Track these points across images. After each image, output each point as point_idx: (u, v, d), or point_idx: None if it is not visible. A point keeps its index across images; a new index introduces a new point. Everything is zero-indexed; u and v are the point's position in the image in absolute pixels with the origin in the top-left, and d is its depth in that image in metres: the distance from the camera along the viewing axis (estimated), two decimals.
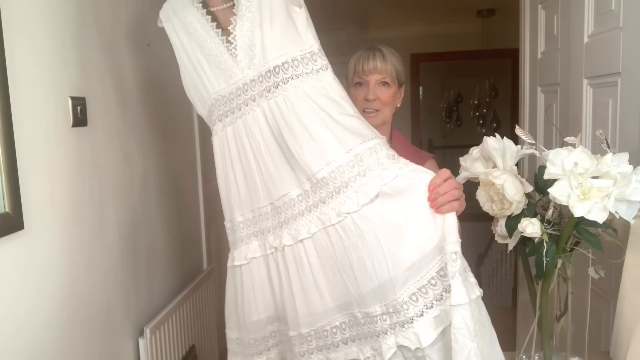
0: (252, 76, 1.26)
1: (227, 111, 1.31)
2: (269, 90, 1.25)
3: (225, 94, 1.31)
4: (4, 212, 1.14)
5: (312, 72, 1.24)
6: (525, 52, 2.29)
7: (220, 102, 1.32)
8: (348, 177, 1.17)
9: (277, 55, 1.24)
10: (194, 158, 2.57)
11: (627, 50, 1.38)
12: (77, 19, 1.49)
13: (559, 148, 0.99)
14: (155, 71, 2.05)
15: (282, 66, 1.24)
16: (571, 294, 1.09)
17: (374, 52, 1.49)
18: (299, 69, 1.24)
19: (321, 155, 1.19)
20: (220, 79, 1.31)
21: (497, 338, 1.18)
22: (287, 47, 1.24)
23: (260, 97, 1.26)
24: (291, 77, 1.24)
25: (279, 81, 1.24)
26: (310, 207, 1.23)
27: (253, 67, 1.26)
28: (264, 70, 1.25)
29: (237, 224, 1.35)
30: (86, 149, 1.51)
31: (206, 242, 2.67)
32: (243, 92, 1.28)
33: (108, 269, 1.63)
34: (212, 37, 1.31)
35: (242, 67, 1.28)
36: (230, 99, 1.30)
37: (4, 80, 1.14)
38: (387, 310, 1.15)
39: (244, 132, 1.29)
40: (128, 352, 1.76)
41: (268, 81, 1.25)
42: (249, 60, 1.27)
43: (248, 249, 1.33)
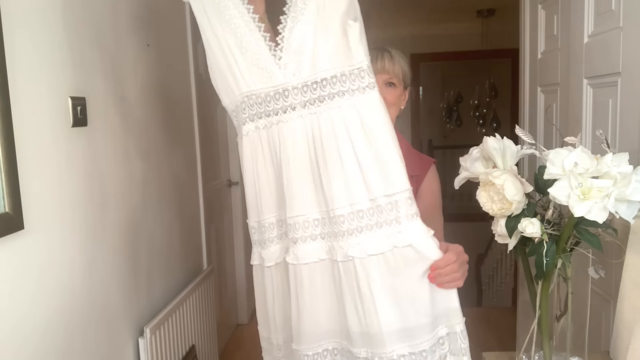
0: (295, 83, 1.20)
1: (261, 112, 1.24)
2: (313, 103, 1.21)
3: (260, 95, 1.23)
4: (4, 212, 1.14)
5: (359, 90, 1.20)
6: (525, 52, 2.29)
7: (254, 102, 1.24)
8: (365, 223, 1.18)
9: (328, 67, 1.20)
10: (194, 158, 2.57)
11: (627, 50, 1.38)
12: (77, 19, 1.49)
13: (559, 148, 0.98)
14: (155, 71, 2.05)
15: (330, 80, 1.20)
16: (571, 294, 1.09)
17: (382, 53, 1.48)
18: (345, 85, 1.20)
19: (347, 194, 1.18)
20: (256, 78, 1.23)
21: None
22: (338, 60, 1.20)
23: (302, 107, 1.21)
24: (338, 93, 1.20)
25: (325, 95, 1.20)
26: (324, 235, 1.22)
27: (299, 74, 1.20)
28: (310, 81, 1.20)
29: (268, 225, 1.29)
30: (86, 149, 1.51)
31: (206, 242, 2.67)
32: (283, 98, 1.22)
33: (108, 268, 1.63)
34: (253, 31, 1.22)
35: (285, 72, 1.21)
36: (267, 100, 1.23)
37: (4, 80, 1.14)
38: (372, 358, 1.20)
39: (278, 139, 1.23)
40: (128, 352, 1.76)
41: (313, 93, 1.21)
42: (296, 67, 1.20)
43: (278, 251, 1.29)
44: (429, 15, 4.63)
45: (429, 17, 4.71)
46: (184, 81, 2.45)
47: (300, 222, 1.22)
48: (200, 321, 2.34)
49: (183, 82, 2.44)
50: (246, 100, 1.24)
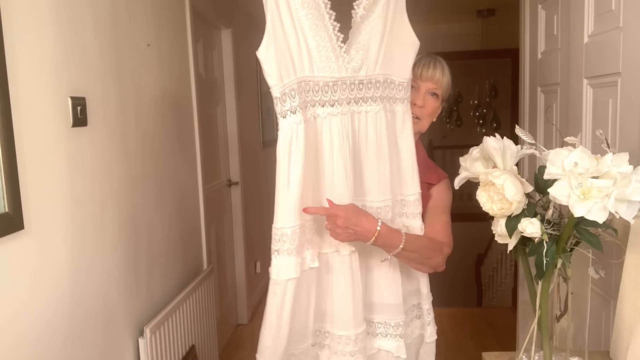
0: (354, 79, 1.27)
1: (316, 101, 1.26)
2: (366, 101, 1.28)
3: (319, 83, 1.25)
4: (4, 212, 1.14)
5: (400, 100, 1.33)
6: (525, 52, 2.29)
7: (311, 89, 1.25)
8: (392, 214, 1.33)
9: (385, 71, 1.29)
10: (194, 158, 2.57)
11: (627, 50, 1.38)
12: (77, 19, 1.49)
13: (559, 148, 0.98)
14: (155, 71, 2.05)
15: (383, 83, 1.29)
16: (571, 294, 1.09)
17: (435, 62, 1.47)
18: (392, 92, 1.31)
19: (382, 190, 1.31)
20: (318, 66, 1.24)
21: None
22: (394, 67, 1.30)
23: (348, 103, 1.27)
24: (385, 98, 1.30)
25: (374, 96, 1.29)
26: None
27: (359, 70, 1.27)
28: (366, 79, 1.28)
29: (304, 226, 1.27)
30: (86, 149, 1.51)
31: (206, 242, 2.67)
32: (340, 90, 1.26)
33: (108, 268, 1.63)
34: (324, 16, 1.23)
35: (348, 66, 1.26)
36: (325, 90, 1.26)
37: (4, 80, 1.14)
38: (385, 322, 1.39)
39: (330, 130, 1.26)
40: (128, 352, 1.76)
41: (365, 92, 1.28)
42: (359, 63, 1.26)
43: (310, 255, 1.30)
44: (428, 15, 4.63)
45: (428, 17, 4.71)
46: (184, 81, 2.45)
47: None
48: (200, 321, 2.34)
49: (183, 82, 2.44)
50: (303, 85, 1.23)
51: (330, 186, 1.27)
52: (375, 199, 1.31)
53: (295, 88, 1.22)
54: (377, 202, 1.31)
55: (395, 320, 1.36)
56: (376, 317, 1.38)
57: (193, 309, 2.24)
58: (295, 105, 1.21)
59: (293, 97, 1.21)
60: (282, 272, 1.24)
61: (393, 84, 1.31)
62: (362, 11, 1.25)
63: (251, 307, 3.61)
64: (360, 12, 1.25)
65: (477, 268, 5.80)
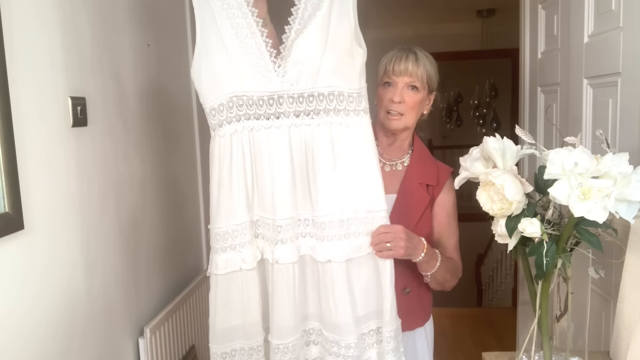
0: (292, 92, 1.23)
1: (250, 114, 1.25)
2: (308, 114, 1.24)
3: (252, 97, 1.25)
4: (4, 212, 1.14)
5: (354, 112, 1.26)
6: (525, 52, 2.29)
7: (244, 103, 1.25)
8: (344, 232, 1.27)
9: (328, 83, 1.23)
10: (194, 158, 2.57)
11: (627, 50, 1.38)
12: (77, 19, 1.49)
13: (559, 148, 0.98)
14: (155, 71, 2.05)
15: (328, 96, 1.24)
16: (571, 294, 1.09)
17: (407, 54, 1.46)
18: (342, 104, 1.25)
19: (331, 205, 1.25)
20: (251, 80, 1.24)
21: None
22: (339, 79, 1.24)
23: (296, 116, 1.24)
24: (333, 110, 1.24)
25: (320, 109, 1.24)
26: (305, 234, 1.29)
27: (296, 84, 1.23)
28: (307, 92, 1.23)
29: (244, 227, 1.30)
30: (86, 149, 1.51)
31: (206, 242, 2.67)
32: (277, 104, 1.24)
33: (108, 269, 1.63)
34: (255, 34, 1.23)
35: (283, 80, 1.23)
36: (259, 104, 1.24)
37: (4, 80, 1.14)
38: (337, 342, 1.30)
39: (267, 143, 1.25)
40: (128, 352, 1.76)
41: (309, 104, 1.24)
42: (294, 77, 1.23)
43: (253, 253, 1.31)
44: (428, 15, 4.63)
45: (428, 17, 4.71)
46: (184, 81, 2.45)
47: (284, 225, 1.26)
48: (200, 321, 2.34)
49: (183, 82, 2.44)
50: (235, 100, 1.25)
51: (261, 195, 1.27)
52: (320, 213, 1.26)
53: (224, 103, 1.26)
54: (322, 217, 1.26)
55: (345, 341, 1.28)
56: (328, 334, 1.31)
57: (193, 309, 2.24)
58: (222, 120, 1.27)
59: (221, 112, 1.27)
60: (215, 267, 1.32)
61: (342, 96, 1.24)
62: (297, 26, 1.22)
63: None
64: (295, 26, 1.23)
65: (477, 268, 5.80)
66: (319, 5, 1.20)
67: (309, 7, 1.21)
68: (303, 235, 1.28)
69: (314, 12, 1.20)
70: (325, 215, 1.25)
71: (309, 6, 1.21)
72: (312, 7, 1.21)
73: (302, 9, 1.22)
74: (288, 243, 1.27)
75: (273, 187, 1.26)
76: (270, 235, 1.29)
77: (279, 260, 1.27)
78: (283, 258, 1.26)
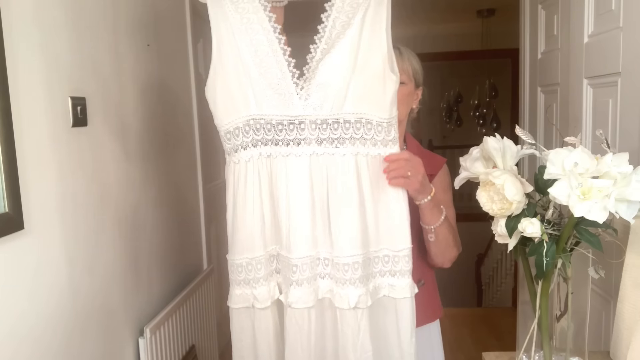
0: (315, 117, 1.13)
1: (268, 140, 1.15)
2: (332, 143, 1.14)
3: (271, 121, 1.15)
4: (4, 212, 1.14)
5: (382, 142, 1.16)
6: (525, 52, 2.29)
7: (261, 126, 1.15)
8: (366, 273, 1.18)
9: (355, 110, 1.13)
10: (194, 158, 2.57)
11: (627, 50, 1.38)
12: (77, 19, 1.49)
13: (559, 148, 0.98)
14: (155, 71, 2.05)
15: (355, 124, 1.13)
16: (571, 294, 1.09)
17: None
18: (370, 134, 1.14)
19: (354, 244, 1.15)
20: (271, 103, 1.14)
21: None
22: (368, 106, 1.13)
23: (319, 144, 1.14)
24: (360, 139, 1.14)
25: (346, 138, 1.14)
26: (323, 275, 1.19)
27: (320, 109, 1.13)
28: (331, 118, 1.13)
29: (259, 262, 1.21)
30: (86, 149, 1.51)
31: (206, 242, 2.67)
32: (298, 130, 1.14)
33: (108, 269, 1.63)
34: (276, 52, 1.13)
35: (306, 104, 1.13)
36: (279, 129, 1.14)
37: (4, 80, 1.14)
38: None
39: (284, 172, 1.15)
40: (128, 352, 1.76)
41: (334, 132, 1.14)
42: (319, 101, 1.12)
43: (268, 290, 1.23)
44: (428, 15, 4.62)
45: (428, 17, 4.71)
46: (184, 81, 2.45)
47: (300, 265, 1.17)
48: (200, 321, 2.34)
49: (183, 82, 2.44)
50: (252, 123, 1.15)
51: (284, 230, 1.17)
52: (342, 254, 1.15)
53: (241, 126, 1.15)
54: (344, 258, 1.15)
55: None
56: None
57: (193, 309, 2.24)
58: (237, 144, 1.16)
59: (237, 136, 1.16)
60: (231, 299, 1.26)
61: (370, 124, 1.14)
62: (323, 45, 1.12)
63: None
64: (322, 46, 1.12)
65: (477, 268, 5.80)
66: (349, 24, 1.10)
67: (337, 25, 1.11)
68: (322, 276, 1.18)
69: (343, 31, 1.10)
70: (348, 256, 1.14)
71: (338, 24, 1.11)
72: (342, 26, 1.10)
73: (329, 26, 1.11)
74: (304, 285, 1.17)
75: (290, 221, 1.15)
76: (285, 274, 1.19)
77: (292, 304, 1.17)
78: (297, 302, 1.17)
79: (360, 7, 1.10)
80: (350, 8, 1.10)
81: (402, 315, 1.20)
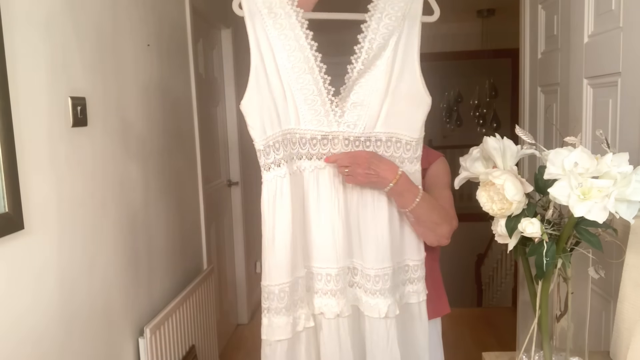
0: (348, 134, 1.18)
1: (302, 154, 1.19)
2: None
3: (305, 136, 1.19)
4: (4, 212, 1.14)
5: (409, 160, 1.22)
6: (525, 52, 2.29)
7: (297, 141, 1.19)
8: (393, 283, 1.22)
9: (387, 130, 1.18)
10: (194, 158, 2.57)
11: (627, 50, 1.38)
12: (77, 19, 1.49)
13: (559, 148, 0.98)
14: (155, 71, 2.05)
15: (385, 142, 1.19)
16: (571, 294, 1.09)
17: None
18: (399, 152, 1.21)
19: (382, 257, 1.20)
20: (306, 118, 1.17)
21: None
22: (399, 125, 1.19)
23: None
24: (390, 157, 1.20)
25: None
26: (352, 283, 1.24)
27: (354, 127, 1.17)
28: (364, 136, 1.18)
29: (300, 281, 1.22)
30: (86, 149, 1.51)
31: (206, 242, 2.67)
32: (331, 144, 1.18)
33: (108, 268, 1.63)
34: (313, 69, 1.16)
35: (340, 121, 1.17)
36: (312, 144, 1.18)
37: (4, 80, 1.14)
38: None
39: (317, 182, 1.19)
40: (128, 352, 1.76)
41: (367, 149, 1.19)
42: (353, 119, 1.17)
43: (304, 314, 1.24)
44: None
45: None
46: (184, 81, 2.45)
47: (334, 275, 1.21)
48: (200, 321, 2.34)
49: (183, 82, 2.44)
50: (289, 137, 1.18)
51: (315, 243, 1.20)
52: (373, 266, 1.20)
53: (280, 140, 1.18)
54: (374, 270, 1.20)
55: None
56: None
57: (193, 309, 2.24)
58: (279, 158, 1.18)
59: (277, 150, 1.18)
60: (271, 332, 1.21)
61: (399, 143, 1.20)
62: (360, 66, 1.16)
63: (251, 307, 3.61)
64: (359, 67, 1.16)
65: (477, 268, 5.80)
66: (384, 46, 1.14)
67: (374, 47, 1.15)
68: (351, 284, 1.23)
69: (379, 53, 1.15)
70: (379, 269, 1.19)
71: (375, 46, 1.15)
72: (378, 48, 1.15)
73: (366, 48, 1.15)
74: (338, 295, 1.21)
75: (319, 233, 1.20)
76: (318, 286, 1.23)
77: (327, 314, 1.21)
78: (332, 312, 1.21)
79: (395, 31, 1.15)
80: (386, 30, 1.15)
81: (417, 319, 1.27)
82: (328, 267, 1.21)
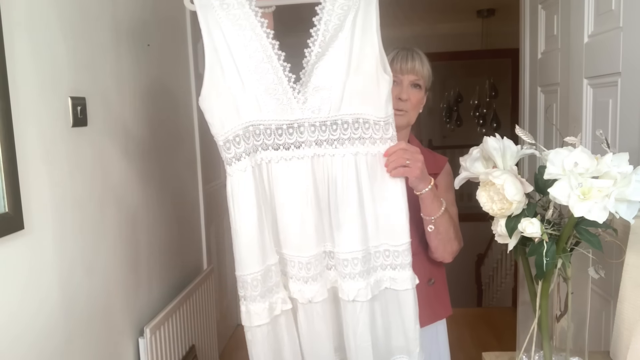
0: (314, 120, 1.15)
1: (268, 145, 1.17)
2: (331, 144, 1.17)
3: (270, 126, 1.16)
4: (4, 212, 1.14)
5: (381, 140, 1.19)
6: (525, 52, 2.29)
7: (262, 132, 1.16)
8: (367, 268, 1.21)
9: (352, 111, 1.16)
10: (194, 158, 2.57)
11: (627, 50, 1.38)
12: (78, 19, 1.49)
13: (559, 148, 0.98)
14: (155, 71, 2.05)
15: (353, 124, 1.17)
16: (571, 294, 1.09)
17: (412, 54, 1.44)
18: (368, 133, 1.18)
19: (354, 241, 1.19)
20: (269, 108, 1.15)
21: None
22: (364, 106, 1.16)
23: (319, 145, 1.17)
24: (359, 139, 1.17)
25: (345, 138, 1.17)
26: (330, 266, 1.24)
27: (318, 112, 1.15)
28: (330, 120, 1.16)
29: (274, 269, 1.22)
30: (86, 149, 1.51)
31: (206, 242, 2.67)
32: (297, 133, 1.16)
33: (108, 268, 1.63)
34: (271, 57, 1.14)
35: (304, 107, 1.15)
36: (278, 134, 1.16)
37: (4, 80, 1.14)
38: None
39: (287, 173, 1.18)
40: (128, 352, 1.76)
41: (333, 133, 1.17)
42: (317, 104, 1.15)
43: (281, 299, 1.24)
44: (428, 15, 4.62)
45: (428, 17, 4.71)
46: (184, 81, 2.45)
47: (313, 262, 1.21)
48: (200, 321, 2.34)
49: (183, 82, 2.44)
50: (252, 129, 1.16)
51: (284, 232, 1.20)
52: (342, 250, 1.19)
53: (241, 134, 1.16)
54: (344, 254, 1.19)
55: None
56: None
57: (193, 309, 2.24)
58: (240, 152, 1.16)
59: (238, 144, 1.16)
60: (249, 318, 1.22)
61: (367, 124, 1.17)
62: (317, 49, 1.14)
63: None
64: (316, 49, 1.14)
65: (477, 268, 5.80)
66: (340, 27, 1.12)
67: (330, 28, 1.13)
68: (329, 267, 1.24)
69: (335, 34, 1.13)
70: (348, 252, 1.19)
71: (330, 27, 1.13)
72: (334, 29, 1.13)
73: (322, 30, 1.13)
74: (318, 279, 1.21)
75: (297, 222, 1.19)
76: (296, 273, 1.23)
77: (312, 299, 1.21)
78: (315, 296, 1.21)
79: (350, 10, 1.13)
80: (341, 10, 1.13)
81: (405, 306, 1.25)
82: (299, 255, 1.21)
